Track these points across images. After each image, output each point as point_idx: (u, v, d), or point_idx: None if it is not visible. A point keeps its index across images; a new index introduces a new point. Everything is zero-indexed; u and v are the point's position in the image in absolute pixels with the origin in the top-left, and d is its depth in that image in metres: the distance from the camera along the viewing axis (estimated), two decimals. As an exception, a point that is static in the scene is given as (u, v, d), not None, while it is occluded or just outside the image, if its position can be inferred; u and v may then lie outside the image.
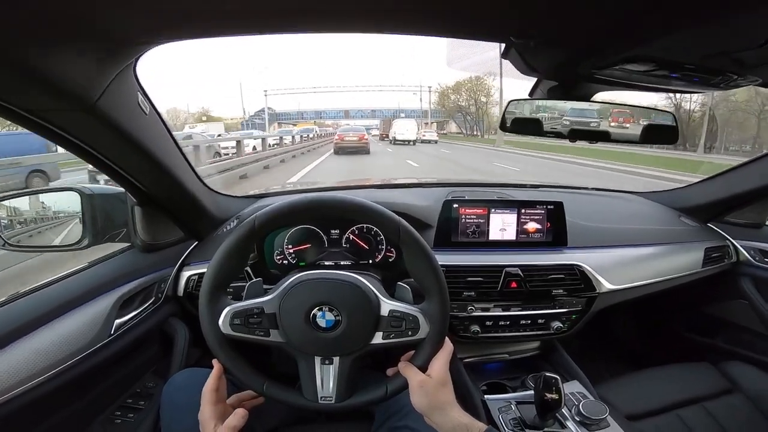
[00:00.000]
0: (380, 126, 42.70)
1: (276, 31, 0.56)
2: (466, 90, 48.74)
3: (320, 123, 69.01)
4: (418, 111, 64.82)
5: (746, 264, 1.39)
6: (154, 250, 1.04)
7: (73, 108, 0.59)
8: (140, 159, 0.79)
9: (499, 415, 1.03)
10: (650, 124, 0.99)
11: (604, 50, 0.60)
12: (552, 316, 1.19)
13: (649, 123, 1.00)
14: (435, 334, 0.71)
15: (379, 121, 51.97)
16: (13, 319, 0.71)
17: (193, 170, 1.00)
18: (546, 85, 0.87)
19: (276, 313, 0.70)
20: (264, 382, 0.71)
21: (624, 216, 1.44)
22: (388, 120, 39.19)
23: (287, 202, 0.70)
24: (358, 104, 72.94)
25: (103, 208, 0.95)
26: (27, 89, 0.54)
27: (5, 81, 0.51)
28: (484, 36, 0.63)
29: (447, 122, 65.22)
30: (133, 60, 0.62)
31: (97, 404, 0.94)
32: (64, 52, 0.51)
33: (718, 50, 0.57)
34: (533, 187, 1.58)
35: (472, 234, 1.21)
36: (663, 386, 1.17)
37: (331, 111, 73.27)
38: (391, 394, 0.73)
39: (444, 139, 39.25)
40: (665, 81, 0.73)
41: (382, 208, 0.71)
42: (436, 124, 40.81)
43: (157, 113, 0.79)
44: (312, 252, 1.17)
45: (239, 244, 0.70)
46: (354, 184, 1.65)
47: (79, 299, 0.83)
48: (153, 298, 1.01)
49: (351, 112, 72.86)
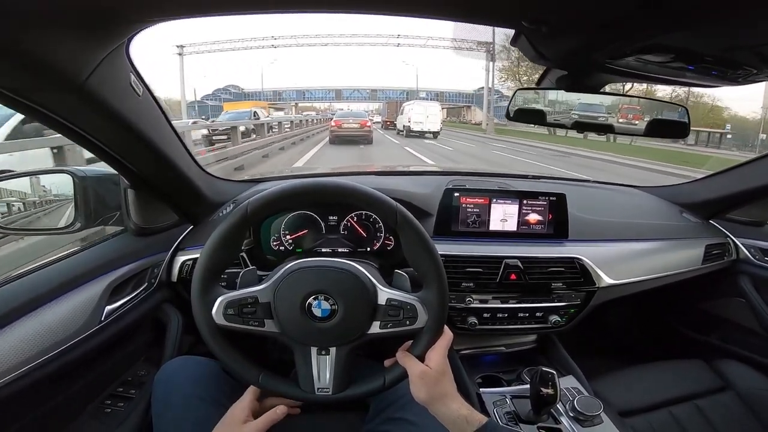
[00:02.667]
0: (384, 110, 31.49)
1: (283, 8, 0.53)
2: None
3: (304, 107, 56.75)
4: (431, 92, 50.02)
5: (746, 262, 1.38)
6: (148, 234, 1.02)
7: (61, 88, 0.56)
8: (133, 141, 0.76)
9: (494, 408, 1.03)
10: (657, 118, 0.98)
11: (622, 39, 0.57)
12: (550, 310, 1.19)
13: (656, 117, 0.98)
14: (433, 323, 0.69)
15: (381, 104, 40.33)
16: (1, 304, 0.69)
17: (189, 153, 0.97)
18: (555, 75, 0.85)
19: (270, 302, 0.68)
20: (259, 374, 0.70)
21: (626, 210, 1.42)
22: (394, 103, 29.08)
23: (280, 187, 0.68)
24: (354, 82, 60.17)
25: (96, 191, 0.92)
26: (12, 68, 0.51)
27: None
28: (495, 21, 0.60)
29: (467, 109, 53.59)
30: (125, 39, 0.60)
31: (86, 393, 0.92)
32: (52, 29, 0.48)
33: (741, 43, 0.55)
34: (535, 178, 1.56)
35: (472, 224, 1.20)
36: (657, 383, 1.17)
37: (318, 90, 57.43)
38: (389, 385, 0.72)
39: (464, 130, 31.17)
40: (680, 73, 0.70)
41: (378, 193, 0.69)
42: (445, 110, 28.64)
43: (152, 95, 0.76)
44: (309, 238, 1.15)
45: (232, 232, 0.68)
46: (354, 170, 1.63)
47: (67, 284, 0.80)
48: (146, 284, 0.99)
49: (344, 93, 56.51)
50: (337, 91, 56.65)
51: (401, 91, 52.08)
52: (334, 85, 58.05)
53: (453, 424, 0.65)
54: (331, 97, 57.51)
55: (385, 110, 30.30)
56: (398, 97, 46.26)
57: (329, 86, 58.05)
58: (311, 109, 56.98)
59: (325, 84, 59.25)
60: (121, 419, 0.92)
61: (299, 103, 57.10)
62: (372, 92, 55.96)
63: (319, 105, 61.78)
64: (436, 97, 46.31)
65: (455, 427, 0.65)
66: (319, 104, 61.69)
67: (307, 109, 54.25)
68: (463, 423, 0.64)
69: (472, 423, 0.64)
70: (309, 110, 51.21)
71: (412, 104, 20.85)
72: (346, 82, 59.40)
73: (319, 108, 60.17)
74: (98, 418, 0.91)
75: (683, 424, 1.04)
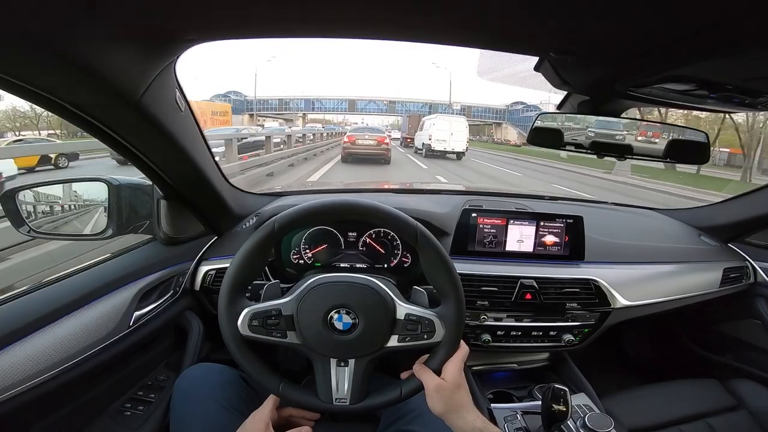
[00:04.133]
0: (404, 125, 26.74)
1: (320, 35, 0.57)
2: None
3: (315, 119, 50.59)
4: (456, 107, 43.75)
5: (763, 285, 1.37)
6: (176, 243, 1.05)
7: (120, 104, 0.60)
8: (172, 154, 0.80)
9: (505, 424, 1.03)
10: (676, 139, 0.98)
11: (647, 69, 0.59)
12: (564, 329, 1.19)
13: (676, 138, 0.98)
14: (450, 338, 0.71)
15: (402, 118, 33.09)
16: (37, 309, 0.72)
17: (218, 167, 1.01)
18: (576, 99, 0.86)
19: (294, 315, 0.71)
20: (280, 383, 0.72)
21: (643, 232, 1.42)
22: (416, 116, 23.54)
23: (307, 204, 0.71)
24: (370, 92, 53.62)
25: (129, 200, 0.96)
26: (78, 85, 0.55)
27: (60, 78, 0.53)
28: (523, 49, 0.63)
29: (496, 126, 47.42)
30: (175, 57, 0.63)
31: (108, 395, 0.94)
32: (116, 48, 0.52)
33: (762, 74, 0.56)
34: (552, 199, 1.57)
35: (489, 244, 1.20)
36: (668, 401, 1.16)
37: (330, 100, 51.17)
38: (405, 397, 0.73)
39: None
40: (701, 100, 0.72)
41: (400, 213, 0.72)
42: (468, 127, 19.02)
43: (191, 111, 0.80)
44: (328, 253, 1.17)
45: (259, 246, 0.71)
46: (372, 187, 1.65)
47: (101, 290, 0.83)
48: (171, 291, 1.02)
49: (358, 104, 50.33)
50: (351, 102, 51.35)
51: (423, 103, 47.41)
52: (347, 95, 52.42)
53: None
54: (344, 107, 52.44)
55: (405, 125, 25.84)
56: (419, 110, 42.12)
57: (341, 96, 52.52)
58: (321, 121, 52.40)
59: (336, 93, 54.22)
60: (140, 422, 0.94)
61: (308, 113, 52.35)
62: (390, 104, 50.48)
63: (332, 117, 56.98)
64: (462, 112, 41.96)
65: None
66: (331, 116, 57.75)
67: (318, 121, 48.63)
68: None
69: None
70: (316, 122, 45.34)
71: (434, 118, 18.02)
72: (361, 92, 54.35)
73: (332, 120, 55.24)
74: (117, 420, 0.93)
75: None
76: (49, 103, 0.57)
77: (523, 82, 0.92)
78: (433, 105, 44.71)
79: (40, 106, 0.57)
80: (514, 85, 1.08)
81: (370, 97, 52.00)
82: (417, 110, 41.64)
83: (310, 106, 52.06)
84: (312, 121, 48.37)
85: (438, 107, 41.02)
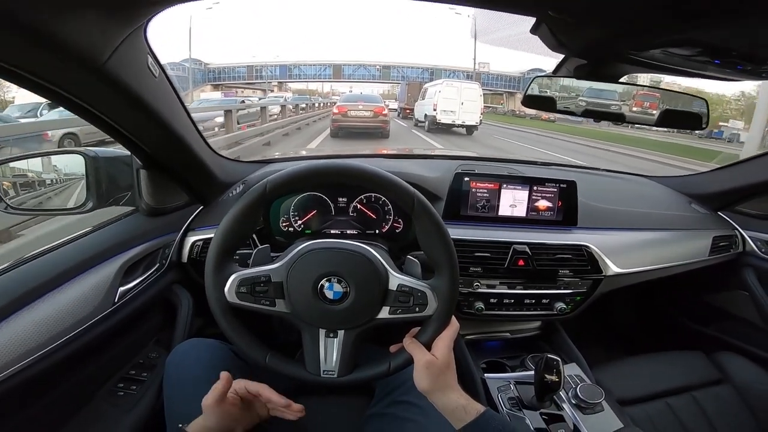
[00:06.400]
0: (402, 94, 22.17)
1: None
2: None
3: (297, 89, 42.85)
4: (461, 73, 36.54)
5: (751, 255, 1.39)
6: (159, 214, 1.02)
7: (82, 69, 0.56)
8: (147, 121, 0.75)
9: (498, 394, 1.05)
10: (672, 108, 0.96)
11: (650, 31, 0.56)
12: (556, 297, 1.20)
13: (670, 108, 0.96)
14: (443, 312, 0.69)
15: (400, 85, 26.04)
16: (15, 288, 0.69)
17: (201, 134, 0.97)
18: (573, 63, 0.83)
19: (283, 282, 0.68)
20: (267, 353, 0.70)
21: (635, 199, 1.42)
22: (417, 84, 20.26)
23: (302, 166, 0.67)
24: (359, 56, 45.46)
25: (108, 171, 0.92)
26: (34, 51, 0.50)
27: (13, 43, 0.48)
28: (520, 8, 0.59)
29: (510, 96, 40.30)
30: (143, 22, 0.59)
31: (99, 376, 0.92)
32: (75, 10, 0.47)
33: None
34: (544, 164, 1.55)
35: (481, 208, 1.20)
36: (656, 373, 1.19)
37: (311, 66, 43.22)
38: (393, 371, 0.72)
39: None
40: (704, 66, 0.69)
41: (397, 179, 0.68)
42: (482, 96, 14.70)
43: (167, 77, 0.75)
44: (318, 219, 1.14)
45: (249, 209, 0.67)
46: (364, 152, 1.61)
47: (82, 265, 0.80)
48: (157, 264, 1.00)
49: (345, 70, 42.49)
50: (336, 67, 43.27)
51: (423, 68, 40.82)
52: (330, 59, 44.19)
53: (452, 413, 0.66)
54: (328, 74, 44.26)
55: (404, 94, 21.37)
56: (419, 76, 36.81)
57: (324, 60, 44.33)
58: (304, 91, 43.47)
59: (318, 58, 47.04)
60: (134, 402, 0.92)
61: (285, 82, 44.88)
62: (383, 69, 42.72)
63: (317, 87, 49.48)
64: (471, 78, 32.28)
65: (453, 416, 0.66)
66: (314, 85, 49.21)
67: (302, 92, 40.25)
68: (461, 412, 0.65)
69: (470, 412, 0.64)
70: (279, 92, 36.77)
71: (439, 84, 14.47)
72: (348, 56, 45.48)
73: (316, 91, 47.28)
74: (111, 401, 0.91)
75: (679, 415, 1.06)
76: (5, 72, 0.53)
77: (518, 45, 0.88)
78: (435, 70, 39.53)
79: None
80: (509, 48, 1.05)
81: (360, 62, 44.31)
82: (416, 77, 37.14)
83: (286, 73, 44.82)
84: (296, 92, 40.49)
85: (441, 73, 35.48)
